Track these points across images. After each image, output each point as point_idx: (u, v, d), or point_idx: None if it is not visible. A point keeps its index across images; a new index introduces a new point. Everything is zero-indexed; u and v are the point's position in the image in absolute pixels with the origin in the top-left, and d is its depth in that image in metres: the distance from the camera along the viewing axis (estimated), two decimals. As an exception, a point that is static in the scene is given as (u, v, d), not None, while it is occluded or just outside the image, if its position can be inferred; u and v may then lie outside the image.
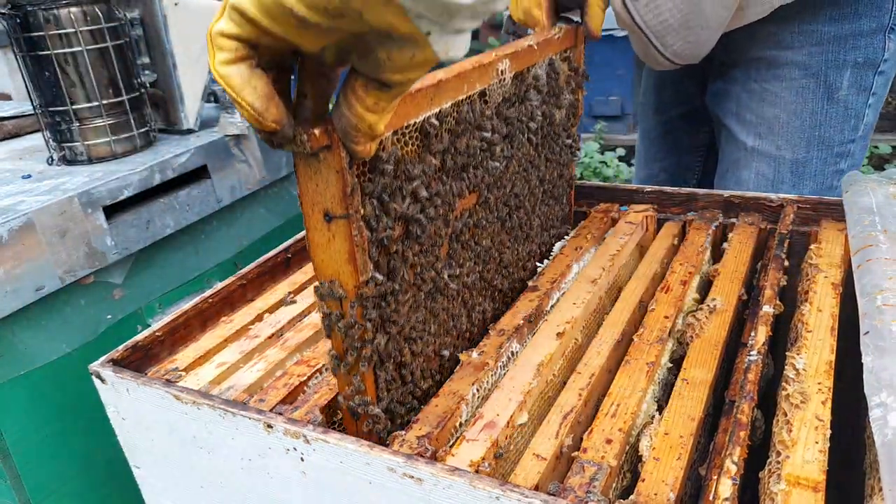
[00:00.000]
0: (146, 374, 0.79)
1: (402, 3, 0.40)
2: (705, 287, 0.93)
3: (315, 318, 0.90)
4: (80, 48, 1.12)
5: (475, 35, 3.96)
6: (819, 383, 0.67)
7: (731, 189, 1.18)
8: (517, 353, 0.80)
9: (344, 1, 0.40)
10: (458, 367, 0.76)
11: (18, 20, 1.10)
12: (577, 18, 0.94)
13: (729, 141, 1.23)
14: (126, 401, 0.76)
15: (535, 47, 0.83)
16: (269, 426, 0.65)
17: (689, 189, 1.09)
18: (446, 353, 0.76)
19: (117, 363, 0.79)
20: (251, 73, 0.46)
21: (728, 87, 1.19)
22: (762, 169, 1.17)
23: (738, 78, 1.17)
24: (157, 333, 0.84)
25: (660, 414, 0.68)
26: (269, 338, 0.86)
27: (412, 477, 0.59)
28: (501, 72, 0.77)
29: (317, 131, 0.51)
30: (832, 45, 1.06)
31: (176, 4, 1.22)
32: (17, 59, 1.14)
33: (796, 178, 1.15)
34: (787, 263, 0.90)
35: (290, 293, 0.96)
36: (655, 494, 0.58)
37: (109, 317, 1.13)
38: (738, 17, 1.07)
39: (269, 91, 0.47)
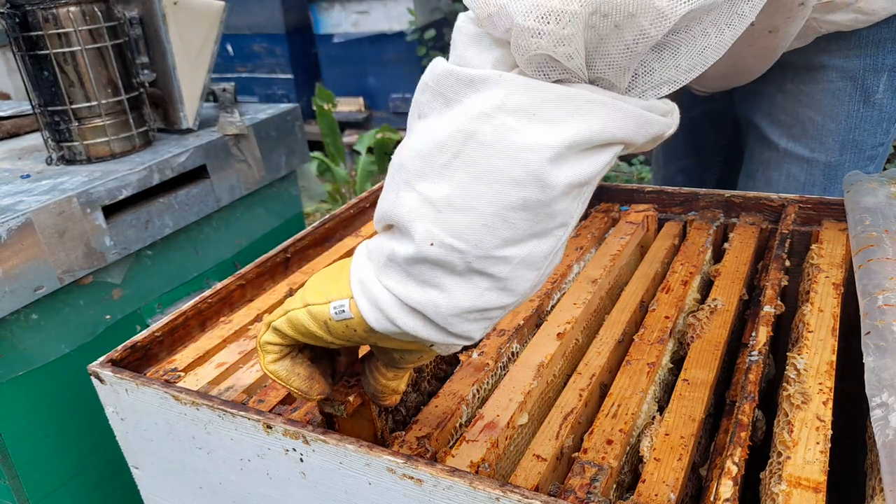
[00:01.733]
0: (145, 374, 0.79)
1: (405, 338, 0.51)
2: (706, 287, 0.93)
3: (314, 318, 0.90)
4: (78, 47, 1.12)
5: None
6: (820, 384, 0.67)
7: (760, 190, 1.17)
8: (517, 353, 0.79)
9: (363, 338, 0.52)
10: (458, 367, 0.76)
11: (17, 19, 1.09)
12: None
13: (759, 141, 1.21)
14: (125, 401, 0.76)
15: None
16: (269, 427, 0.65)
17: (689, 189, 1.09)
18: None
19: (116, 363, 0.78)
20: (293, 363, 0.57)
21: (761, 87, 1.18)
22: (794, 171, 1.16)
23: (772, 78, 1.15)
24: (155, 334, 0.84)
25: (660, 414, 0.68)
26: (269, 338, 0.86)
27: (412, 478, 0.58)
28: None
29: (351, 398, 0.62)
30: (871, 49, 1.05)
31: (175, 3, 1.22)
32: (15, 58, 1.14)
33: (828, 181, 1.14)
34: (788, 263, 0.89)
35: (290, 289, 0.96)
36: (656, 495, 0.58)
37: (108, 317, 1.13)
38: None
39: (310, 372, 0.58)
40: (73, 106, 1.15)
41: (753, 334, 0.75)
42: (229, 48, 4.10)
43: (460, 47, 0.46)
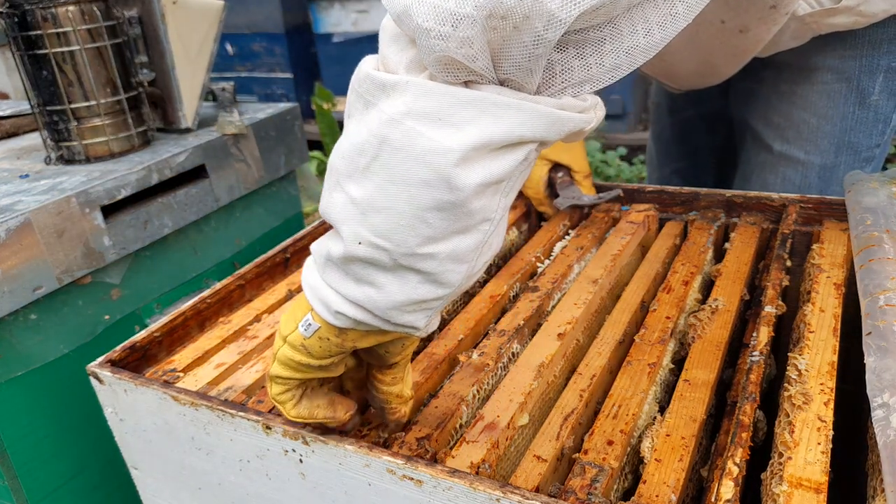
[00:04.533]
0: (144, 374, 0.79)
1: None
2: (707, 287, 0.93)
3: (314, 318, 0.90)
4: (77, 47, 1.11)
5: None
6: (821, 384, 0.67)
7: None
8: (518, 353, 0.79)
9: (340, 345, 0.53)
10: (457, 367, 0.76)
11: (16, 19, 1.09)
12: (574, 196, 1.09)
13: (755, 143, 1.20)
14: (124, 401, 0.76)
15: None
16: (268, 427, 0.65)
17: (690, 188, 1.08)
18: None
19: (115, 364, 0.78)
20: (309, 399, 0.59)
21: (756, 87, 1.17)
22: (789, 174, 1.15)
23: (766, 79, 1.14)
24: (154, 334, 0.83)
25: (661, 415, 0.68)
26: (268, 338, 0.86)
27: (412, 479, 0.58)
28: None
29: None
30: (866, 50, 1.04)
31: (174, 3, 1.22)
32: (14, 57, 1.14)
33: (823, 183, 1.13)
34: (789, 263, 0.89)
35: (289, 291, 0.96)
36: (657, 496, 0.58)
37: (107, 317, 1.13)
38: (767, 49, 1.04)
39: (329, 398, 0.60)
40: (72, 105, 1.14)
41: (754, 334, 0.75)
42: (228, 47, 4.09)
43: (383, 45, 0.47)
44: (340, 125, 3.70)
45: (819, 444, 0.60)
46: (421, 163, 0.43)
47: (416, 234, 0.46)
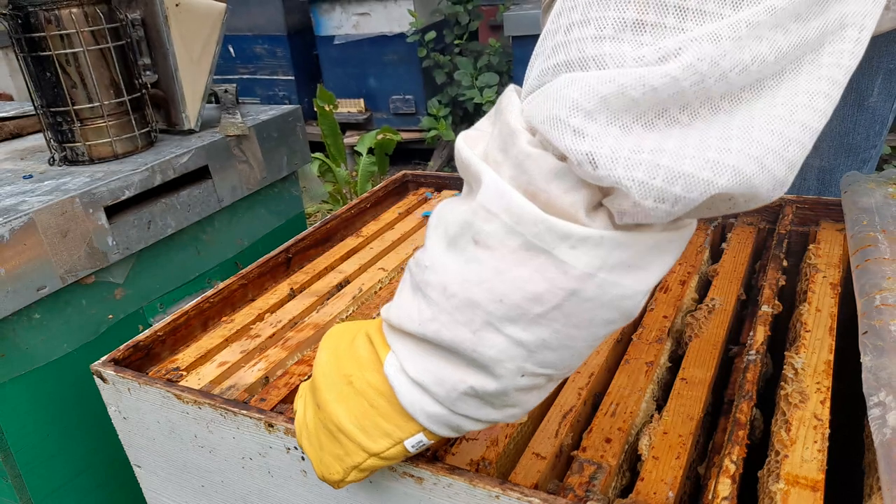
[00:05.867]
0: (147, 373, 0.80)
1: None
2: (704, 287, 0.93)
3: (315, 317, 0.90)
4: (81, 49, 1.12)
5: (475, 36, 3.96)
6: (818, 383, 0.67)
7: None
8: (517, 352, 0.80)
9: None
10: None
11: (20, 20, 1.10)
12: None
13: None
14: (127, 400, 0.77)
15: None
16: (271, 425, 0.66)
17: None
18: None
19: (119, 363, 0.79)
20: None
21: None
22: None
23: None
24: (158, 333, 0.84)
25: (659, 413, 0.68)
26: (270, 337, 0.87)
27: (412, 476, 0.59)
28: None
29: None
30: (866, 52, 1.04)
31: (177, 5, 1.23)
32: (18, 59, 1.15)
33: (822, 185, 1.13)
34: (785, 263, 0.90)
35: (291, 290, 0.97)
36: (654, 494, 0.59)
37: (111, 316, 1.14)
38: None
39: None
40: (76, 107, 1.15)
41: (751, 334, 0.75)
42: (231, 50, 4.10)
43: (537, 178, 0.42)
44: (342, 126, 3.71)
45: (815, 442, 0.60)
46: (611, 308, 0.45)
47: (582, 358, 0.48)
